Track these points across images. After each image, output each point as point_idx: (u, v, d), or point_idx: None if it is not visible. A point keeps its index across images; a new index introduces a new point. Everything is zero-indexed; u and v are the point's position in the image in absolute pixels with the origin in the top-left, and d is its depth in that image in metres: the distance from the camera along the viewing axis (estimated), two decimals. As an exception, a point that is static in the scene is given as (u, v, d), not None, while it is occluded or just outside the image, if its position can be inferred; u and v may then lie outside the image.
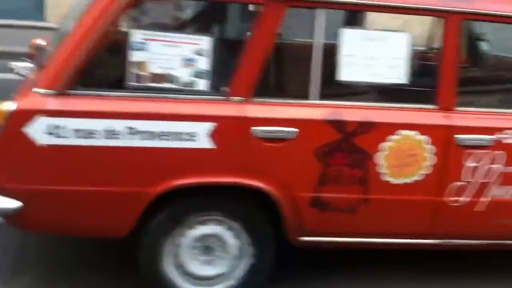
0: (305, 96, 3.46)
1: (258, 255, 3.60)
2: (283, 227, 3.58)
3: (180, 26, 4.23)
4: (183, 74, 3.35)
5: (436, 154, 3.54)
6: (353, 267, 4.14)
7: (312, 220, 3.56)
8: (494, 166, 3.62)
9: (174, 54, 3.33)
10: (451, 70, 3.54)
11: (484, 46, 4.76)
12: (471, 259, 4.23)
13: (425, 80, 3.75)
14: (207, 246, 3.59)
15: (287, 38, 4.44)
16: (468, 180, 3.62)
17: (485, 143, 3.59)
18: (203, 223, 3.54)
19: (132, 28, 3.34)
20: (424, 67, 3.84)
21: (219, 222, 3.55)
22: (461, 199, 3.65)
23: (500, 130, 3.60)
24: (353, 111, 3.46)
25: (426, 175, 3.56)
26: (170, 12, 4.05)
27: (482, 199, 3.67)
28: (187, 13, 4.15)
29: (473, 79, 4.46)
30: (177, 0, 4.13)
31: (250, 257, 3.61)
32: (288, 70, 3.83)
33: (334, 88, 3.52)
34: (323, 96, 3.47)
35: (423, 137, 3.51)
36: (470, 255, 4.14)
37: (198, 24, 4.20)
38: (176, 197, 3.44)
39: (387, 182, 3.54)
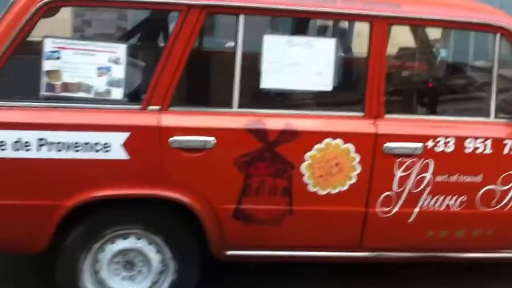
0: (226, 104, 3.36)
1: (181, 270, 3.49)
2: (207, 241, 3.44)
3: (99, 34, 4.12)
4: (98, 83, 3.25)
5: (363, 163, 3.43)
6: (279, 280, 4.01)
7: (236, 233, 3.45)
8: (425, 175, 3.50)
9: (88, 63, 3.23)
10: (378, 76, 3.42)
11: (433, 52, 4.66)
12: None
13: (352, 87, 3.65)
14: (128, 261, 3.46)
15: (208, 45, 4.35)
16: (399, 190, 3.50)
17: (415, 151, 3.46)
18: (123, 237, 3.41)
19: (45, 37, 3.21)
20: (352, 73, 3.72)
21: (140, 236, 3.43)
22: (391, 209, 3.52)
23: (432, 137, 3.47)
24: (275, 120, 3.35)
25: (354, 185, 3.45)
26: (93, 19, 3.93)
27: (414, 209, 3.55)
28: (108, 21, 4.04)
29: (410, 85, 4.36)
30: (98, 8, 4.01)
31: (173, 272, 3.48)
32: (208, 78, 3.73)
33: (256, 96, 3.41)
34: (245, 104, 3.36)
35: (349, 146, 3.39)
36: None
37: (117, 31, 4.08)
38: (92, 210, 3.30)
39: (313, 192, 3.42)
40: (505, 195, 3.60)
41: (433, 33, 4.48)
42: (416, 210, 3.55)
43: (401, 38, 4.61)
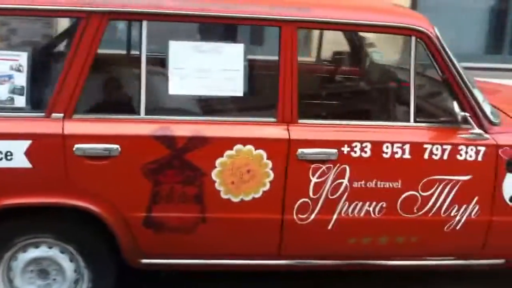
0: (132, 111, 3.32)
1: (95, 278, 3.47)
2: (120, 249, 3.41)
3: (25, 42, 4.09)
4: (0, 91, 3.21)
5: (276, 169, 3.36)
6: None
7: (148, 241, 3.41)
8: (342, 181, 3.42)
9: None
10: (289, 81, 3.36)
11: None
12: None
13: (264, 92, 3.58)
14: (42, 270, 3.44)
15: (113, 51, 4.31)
16: (315, 196, 3.43)
17: (329, 157, 3.38)
18: (34, 245, 3.39)
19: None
20: (264, 78, 3.65)
21: (51, 245, 3.41)
22: (308, 216, 3.45)
23: (347, 142, 3.39)
24: (183, 126, 3.31)
25: (268, 191, 3.38)
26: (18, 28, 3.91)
27: (332, 216, 3.48)
28: (33, 29, 4.01)
29: (327, 89, 4.28)
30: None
31: (88, 281, 3.45)
32: (114, 85, 3.68)
33: (163, 102, 3.36)
34: (152, 111, 3.32)
35: (261, 152, 3.33)
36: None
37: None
38: (0, 219, 3.28)
39: (226, 199, 3.37)
40: (427, 201, 3.50)
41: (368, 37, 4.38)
42: (335, 217, 3.47)
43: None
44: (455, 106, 3.43)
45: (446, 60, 3.44)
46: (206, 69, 3.32)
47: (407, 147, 3.43)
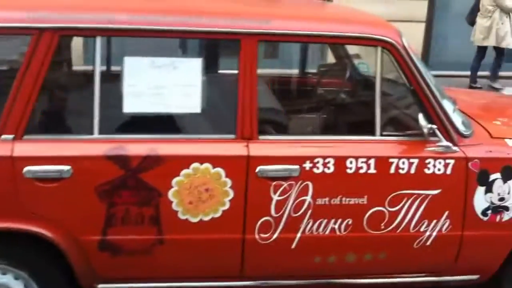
0: (86, 130, 3.20)
1: (51, 305, 3.31)
2: (75, 274, 3.28)
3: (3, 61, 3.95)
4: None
5: (236, 187, 3.24)
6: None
7: (104, 265, 3.28)
8: (305, 198, 3.30)
9: None
10: (249, 96, 3.24)
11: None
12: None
13: (223, 107, 3.46)
14: (-5, 297, 3.31)
15: (66, 68, 4.19)
16: (277, 215, 3.30)
17: (291, 174, 3.26)
18: (-13, 272, 3.26)
19: None
20: (223, 94, 3.53)
21: (5, 271, 3.27)
22: (271, 236, 3.33)
23: (309, 158, 3.27)
24: (138, 145, 3.18)
25: (227, 211, 3.26)
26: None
27: (296, 235, 3.35)
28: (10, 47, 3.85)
29: (289, 104, 4.17)
30: None
31: (44, 308, 3.32)
32: (67, 103, 3.56)
33: (118, 121, 3.24)
34: (106, 130, 3.20)
35: (219, 170, 3.21)
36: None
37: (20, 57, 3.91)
38: None
39: (184, 220, 3.25)
40: (395, 217, 3.38)
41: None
42: (298, 235, 3.35)
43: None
44: (422, 118, 3.31)
45: (413, 70, 3.33)
46: (163, 85, 3.21)
47: (372, 161, 3.31)
